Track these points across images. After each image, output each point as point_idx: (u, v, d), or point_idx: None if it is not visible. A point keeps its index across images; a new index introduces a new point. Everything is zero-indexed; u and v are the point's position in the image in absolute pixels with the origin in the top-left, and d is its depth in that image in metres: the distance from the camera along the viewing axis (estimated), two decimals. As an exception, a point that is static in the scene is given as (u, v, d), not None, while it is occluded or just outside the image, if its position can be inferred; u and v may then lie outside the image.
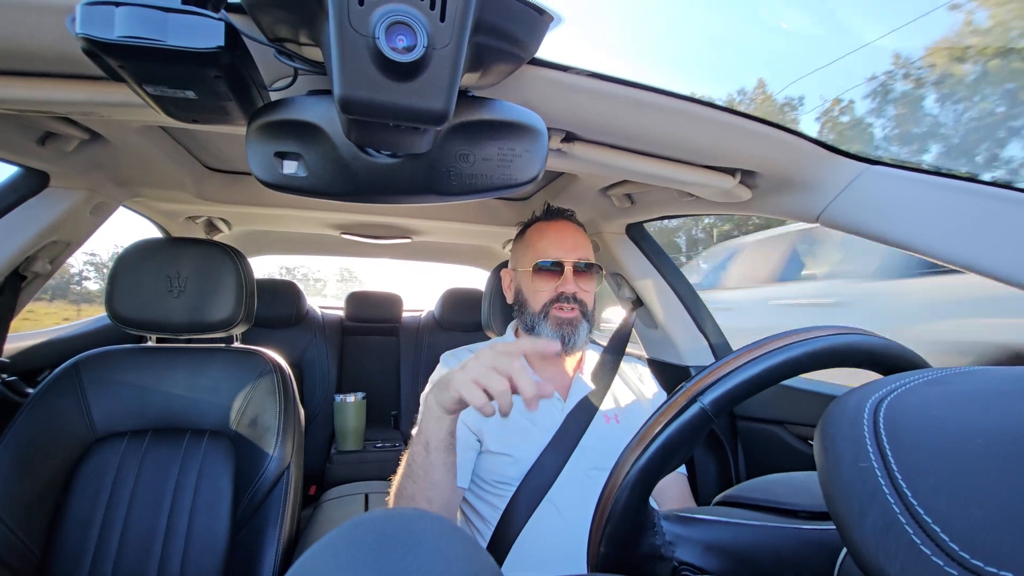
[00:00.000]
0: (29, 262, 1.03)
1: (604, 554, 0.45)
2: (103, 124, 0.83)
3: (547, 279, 0.98)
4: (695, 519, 0.49)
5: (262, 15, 0.44)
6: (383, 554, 0.30)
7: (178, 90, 0.44)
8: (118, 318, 1.03)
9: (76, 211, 1.02)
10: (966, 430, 0.25)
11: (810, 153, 0.75)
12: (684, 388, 0.44)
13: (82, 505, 0.93)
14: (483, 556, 0.34)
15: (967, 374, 0.30)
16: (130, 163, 1.01)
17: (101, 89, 0.58)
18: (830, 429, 0.30)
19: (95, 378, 1.02)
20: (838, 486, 0.27)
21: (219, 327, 1.08)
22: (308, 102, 0.51)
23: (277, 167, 0.52)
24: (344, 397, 1.95)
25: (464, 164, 0.55)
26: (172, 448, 1.00)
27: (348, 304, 2.36)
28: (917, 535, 0.23)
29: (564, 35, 0.53)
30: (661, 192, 1.05)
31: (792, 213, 0.87)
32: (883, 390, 0.30)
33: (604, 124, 0.69)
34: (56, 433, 0.95)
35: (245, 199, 1.33)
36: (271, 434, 1.03)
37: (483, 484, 0.92)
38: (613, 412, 0.99)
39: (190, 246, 1.08)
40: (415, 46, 0.37)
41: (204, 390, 1.06)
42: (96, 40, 0.37)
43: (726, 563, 0.46)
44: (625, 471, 0.44)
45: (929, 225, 0.68)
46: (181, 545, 0.94)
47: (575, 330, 0.96)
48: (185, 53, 0.38)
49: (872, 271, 3.10)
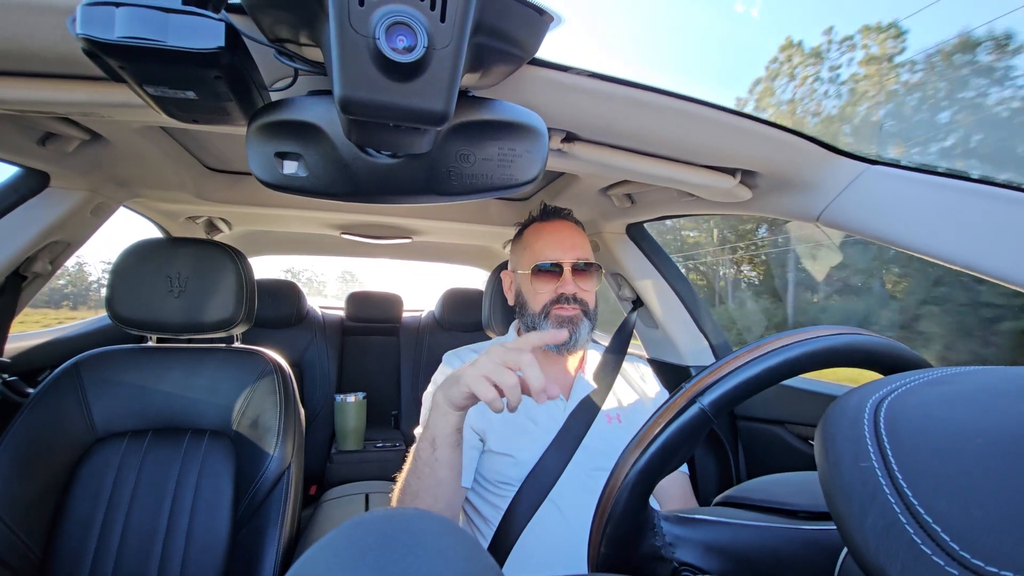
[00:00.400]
0: (29, 262, 1.03)
1: (604, 555, 0.45)
2: (103, 124, 0.83)
3: (546, 280, 0.98)
4: (695, 520, 0.49)
5: (262, 15, 0.44)
6: (383, 554, 0.30)
7: (178, 90, 0.44)
8: (118, 318, 1.03)
9: (76, 211, 1.03)
10: (967, 430, 0.25)
11: (810, 153, 0.75)
12: (683, 389, 0.44)
13: (82, 505, 0.93)
14: (484, 556, 0.34)
15: (967, 374, 0.30)
16: (130, 163, 1.01)
17: (101, 89, 0.58)
18: (831, 429, 0.30)
19: (95, 378, 1.02)
20: (839, 486, 0.27)
21: (219, 327, 1.08)
22: (308, 102, 0.51)
23: (277, 167, 0.52)
24: (344, 397, 1.95)
25: (464, 164, 0.55)
26: (172, 448, 1.00)
27: (348, 304, 2.36)
28: (918, 535, 0.23)
29: (566, 33, 0.53)
30: (661, 192, 1.05)
31: (792, 213, 0.87)
32: (883, 390, 0.30)
33: (604, 124, 0.69)
34: (56, 433, 0.95)
35: (245, 199, 1.33)
36: (271, 434, 1.03)
37: (485, 484, 0.92)
38: (615, 412, 0.99)
39: (190, 246, 1.08)
40: (415, 46, 0.37)
41: (204, 390, 1.06)
42: (96, 41, 0.37)
43: (726, 564, 0.46)
44: (625, 472, 0.44)
45: (930, 225, 0.68)
46: (181, 545, 0.94)
47: (576, 328, 0.96)
48: (185, 54, 0.38)
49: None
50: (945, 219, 0.67)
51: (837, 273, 10.15)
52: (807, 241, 8.95)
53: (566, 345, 0.95)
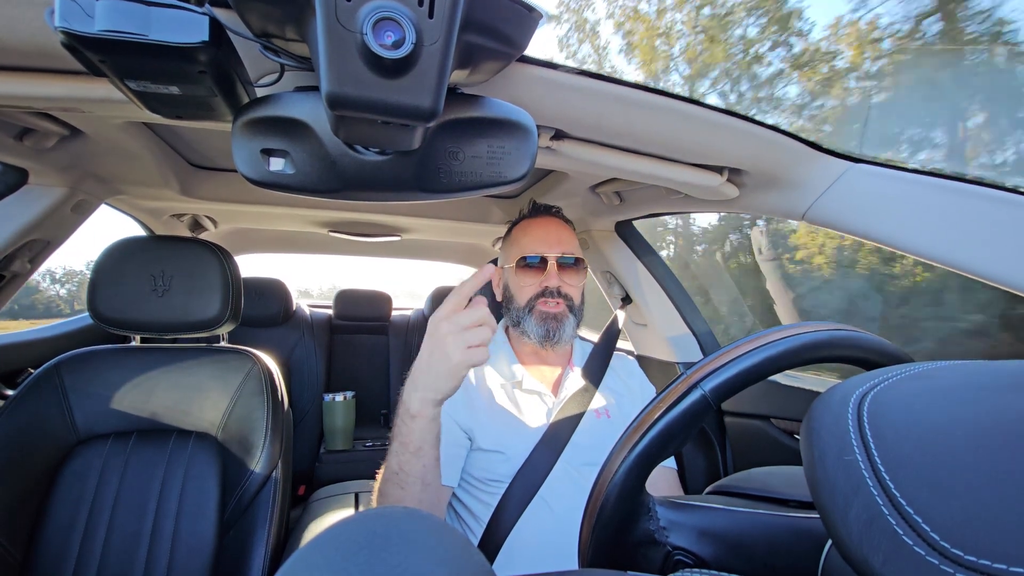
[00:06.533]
0: (8, 261, 1.01)
1: (597, 539, 0.46)
2: (84, 120, 0.81)
3: (531, 274, 0.98)
4: (690, 505, 0.50)
5: (247, 10, 0.43)
6: (374, 553, 0.30)
7: (161, 86, 0.43)
8: (100, 318, 1.01)
9: (56, 209, 1.00)
10: (947, 424, 0.26)
11: (796, 151, 0.76)
12: (686, 375, 0.45)
13: (65, 508, 0.91)
14: (475, 554, 0.34)
15: (948, 368, 0.31)
16: (112, 160, 0.99)
17: (81, 84, 0.57)
18: (815, 424, 0.31)
19: (77, 379, 1.00)
20: (823, 479, 0.28)
21: (205, 326, 1.06)
22: (295, 98, 0.50)
23: (264, 164, 0.52)
24: (333, 396, 1.93)
25: (453, 161, 0.54)
26: (157, 450, 0.99)
27: (337, 303, 2.34)
28: (900, 526, 0.23)
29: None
30: (650, 190, 1.06)
31: (778, 211, 0.88)
32: (867, 385, 0.31)
33: (593, 122, 0.69)
34: (37, 436, 0.93)
35: (231, 196, 1.31)
36: (259, 434, 1.02)
37: (474, 482, 0.92)
38: (603, 407, 1.00)
39: (175, 244, 1.06)
40: (403, 42, 0.37)
41: (190, 390, 1.05)
42: (76, 34, 0.36)
43: (719, 549, 0.46)
44: (624, 454, 0.45)
45: (913, 223, 0.69)
46: (167, 548, 0.93)
47: (560, 324, 0.96)
48: (168, 48, 0.38)
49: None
50: (928, 217, 0.68)
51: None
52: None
53: (549, 341, 0.96)
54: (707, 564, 0.46)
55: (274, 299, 2.09)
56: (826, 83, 6.59)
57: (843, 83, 6.45)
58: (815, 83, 6.73)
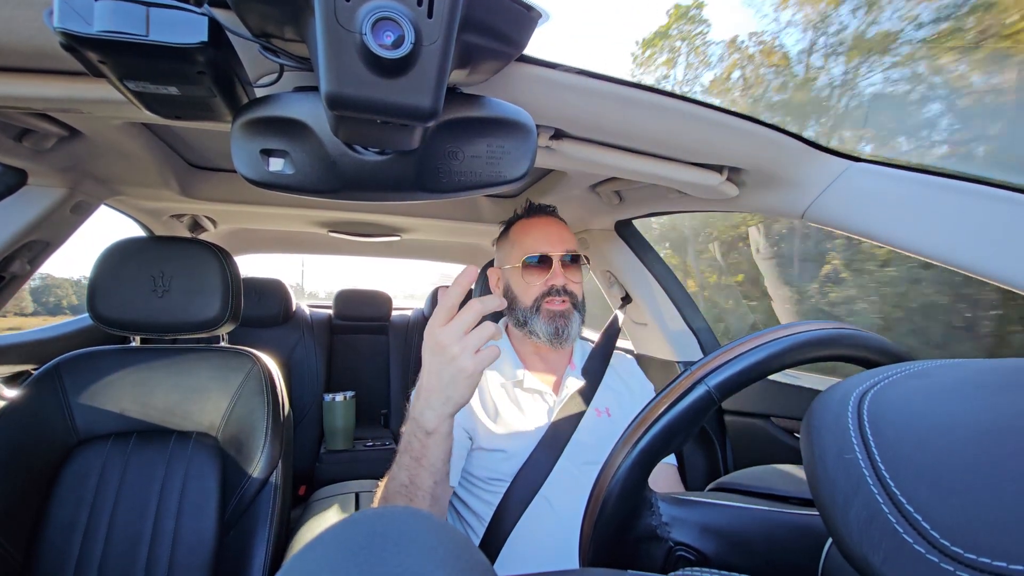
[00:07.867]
0: (7, 263, 1.01)
1: (600, 535, 0.46)
2: (83, 121, 0.81)
3: (536, 273, 0.98)
4: (693, 501, 0.50)
5: (247, 10, 0.43)
6: (375, 553, 0.30)
7: (160, 86, 0.43)
8: (100, 319, 1.01)
9: (55, 210, 1.00)
10: (947, 422, 0.26)
11: (795, 150, 0.75)
12: (691, 370, 0.46)
13: (65, 509, 0.91)
14: (476, 554, 0.34)
15: (947, 367, 0.31)
16: (111, 160, 0.99)
17: (80, 85, 0.57)
18: (815, 422, 0.31)
19: (77, 380, 1.00)
20: (823, 478, 0.28)
21: (205, 327, 1.06)
22: (294, 99, 0.50)
23: (263, 164, 0.52)
24: (333, 396, 1.93)
25: (453, 161, 0.54)
26: (157, 450, 0.99)
27: (337, 302, 2.34)
28: (900, 524, 0.23)
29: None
30: (649, 189, 1.06)
31: (778, 210, 0.88)
32: (867, 383, 0.31)
33: (592, 121, 0.69)
34: (37, 437, 0.93)
35: (231, 197, 1.31)
36: (259, 435, 1.02)
37: (475, 481, 0.92)
38: (604, 405, 1.00)
39: (174, 245, 1.06)
40: (403, 42, 0.37)
41: (190, 391, 1.05)
42: (75, 35, 0.36)
43: (721, 545, 0.46)
44: (627, 449, 0.45)
45: (912, 221, 0.69)
46: (168, 549, 0.93)
47: (568, 322, 0.96)
48: (167, 48, 0.37)
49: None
50: (928, 215, 0.68)
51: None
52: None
53: (558, 339, 0.96)
54: (708, 560, 0.46)
55: (274, 299, 2.09)
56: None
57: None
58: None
